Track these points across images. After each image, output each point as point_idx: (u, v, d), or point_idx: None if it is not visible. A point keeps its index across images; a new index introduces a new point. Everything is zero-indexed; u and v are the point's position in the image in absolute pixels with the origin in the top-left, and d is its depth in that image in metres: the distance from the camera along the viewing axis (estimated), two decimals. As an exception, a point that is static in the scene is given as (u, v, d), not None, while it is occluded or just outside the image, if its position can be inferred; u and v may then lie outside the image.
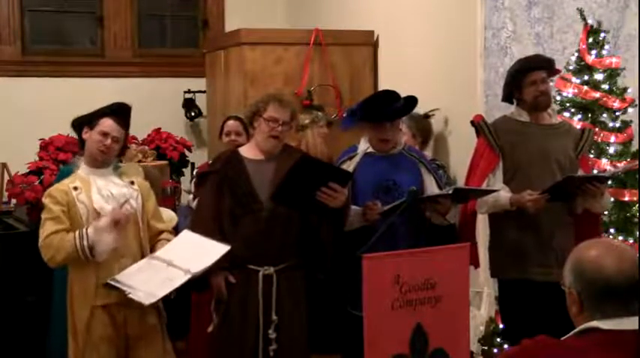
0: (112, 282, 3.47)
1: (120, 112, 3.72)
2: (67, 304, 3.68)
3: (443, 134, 5.36)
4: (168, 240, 3.70)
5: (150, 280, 3.46)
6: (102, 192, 3.61)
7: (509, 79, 4.06)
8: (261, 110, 3.83)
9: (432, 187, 4.09)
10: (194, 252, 3.53)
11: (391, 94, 4.01)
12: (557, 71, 4.20)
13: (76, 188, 3.59)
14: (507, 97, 4.12)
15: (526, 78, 3.97)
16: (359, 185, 4.03)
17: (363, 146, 4.12)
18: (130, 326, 3.63)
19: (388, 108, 3.96)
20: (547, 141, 3.99)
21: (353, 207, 3.95)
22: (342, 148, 4.52)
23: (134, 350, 3.65)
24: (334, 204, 3.65)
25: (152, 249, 3.69)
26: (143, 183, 3.84)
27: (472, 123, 4.13)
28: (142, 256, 3.65)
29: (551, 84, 4.51)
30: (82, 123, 3.71)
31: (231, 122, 4.93)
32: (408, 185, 3.84)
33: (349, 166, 4.05)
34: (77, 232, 3.48)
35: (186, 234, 3.67)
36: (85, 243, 3.44)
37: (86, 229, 3.47)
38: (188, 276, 3.40)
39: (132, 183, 3.75)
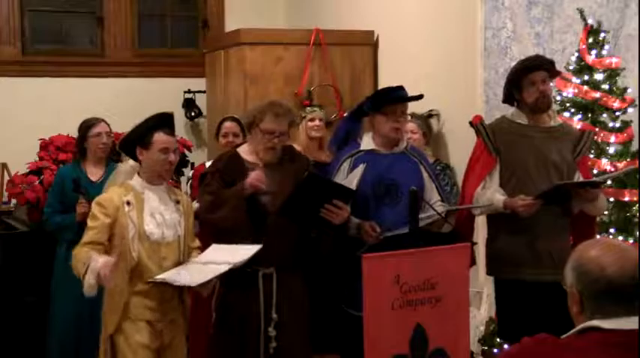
0: (154, 280, 3.53)
1: (166, 124, 3.70)
2: (103, 316, 3.69)
3: (443, 134, 5.36)
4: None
5: (192, 274, 3.54)
6: (154, 215, 3.60)
7: (510, 79, 4.06)
8: (257, 121, 3.82)
9: (431, 193, 4.10)
10: (228, 253, 3.59)
11: (395, 86, 4.05)
12: (558, 72, 4.19)
13: (129, 203, 3.57)
14: (508, 98, 4.11)
15: (526, 78, 3.96)
16: (359, 182, 4.03)
17: (366, 143, 4.12)
18: (165, 334, 3.68)
19: (398, 92, 3.99)
20: (544, 144, 3.98)
21: (352, 218, 3.96)
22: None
23: (162, 354, 3.70)
24: (337, 220, 3.69)
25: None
26: (186, 199, 3.84)
27: (471, 124, 4.13)
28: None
29: (551, 84, 4.52)
30: (133, 143, 3.69)
31: (228, 124, 4.92)
32: (408, 185, 3.84)
33: (350, 163, 4.05)
34: (86, 259, 3.46)
35: (215, 246, 3.70)
36: (83, 270, 3.46)
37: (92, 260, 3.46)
38: (230, 266, 3.46)
39: (178, 202, 3.74)
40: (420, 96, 4.09)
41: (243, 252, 3.54)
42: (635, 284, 1.95)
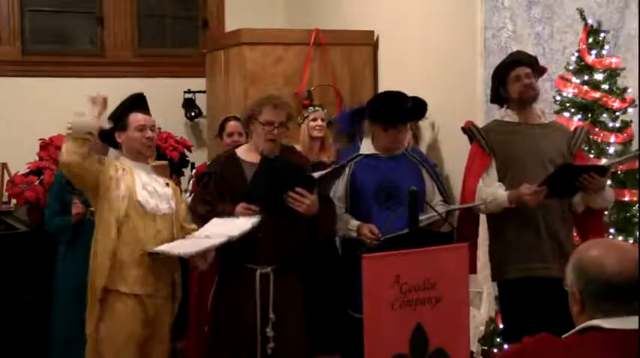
0: (152, 251, 3.58)
1: (140, 104, 3.78)
2: (90, 295, 3.68)
3: (442, 134, 5.36)
4: None
5: (189, 245, 3.59)
6: (147, 187, 3.68)
7: (494, 78, 4.09)
8: (256, 114, 3.83)
9: (433, 193, 4.10)
10: (227, 227, 3.62)
11: (401, 95, 4.03)
12: (544, 69, 4.19)
13: (123, 169, 3.66)
14: (495, 98, 4.13)
15: (510, 74, 3.98)
16: (359, 186, 4.03)
17: (365, 147, 4.12)
18: (157, 322, 3.70)
19: (402, 108, 3.98)
20: (538, 140, 4.00)
21: (352, 220, 3.97)
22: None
23: (147, 345, 3.71)
24: (302, 209, 3.66)
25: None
26: (174, 185, 3.92)
27: (463, 129, 4.14)
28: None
29: (550, 83, 4.53)
30: (110, 129, 3.74)
31: (232, 123, 4.92)
32: (409, 188, 3.84)
33: (350, 167, 4.06)
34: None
35: (215, 220, 3.73)
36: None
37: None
38: (226, 238, 3.50)
39: (167, 184, 3.82)
40: (424, 112, 4.10)
41: (241, 225, 3.56)
42: (634, 285, 1.96)
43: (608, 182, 4.20)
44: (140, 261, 3.63)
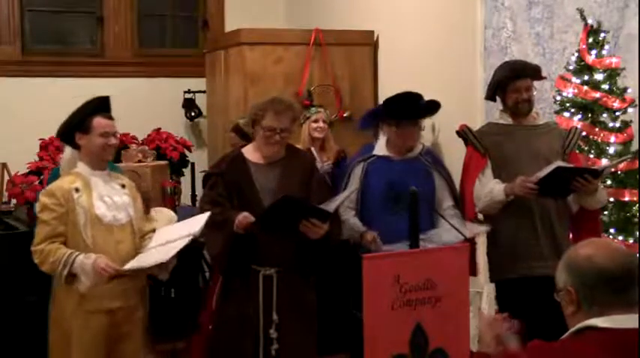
0: (126, 272, 3.51)
1: (104, 108, 3.69)
2: (53, 307, 3.66)
3: (442, 134, 5.36)
4: None
5: (155, 255, 3.52)
6: (104, 199, 3.60)
7: (495, 83, 4.13)
8: (259, 117, 3.82)
9: (443, 198, 4.11)
10: (182, 227, 3.60)
11: (414, 94, 4.05)
12: (543, 77, 4.27)
13: (77, 189, 3.57)
14: (490, 97, 4.17)
15: (511, 84, 4.05)
16: (370, 187, 4.04)
17: (379, 148, 4.13)
18: (123, 322, 3.65)
19: (416, 105, 4.00)
20: (532, 140, 4.05)
21: (358, 224, 3.96)
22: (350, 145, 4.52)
23: (118, 343, 3.67)
24: (314, 236, 3.65)
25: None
26: (129, 182, 3.83)
27: (457, 133, 4.17)
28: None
29: (550, 83, 4.54)
30: (72, 129, 3.67)
31: (232, 134, 4.96)
32: (419, 191, 3.82)
33: (363, 168, 4.07)
34: (65, 256, 3.47)
35: (161, 229, 3.74)
36: (66, 271, 3.48)
37: (75, 257, 3.47)
38: (190, 237, 3.45)
39: (123, 186, 3.74)
40: (436, 110, 4.11)
41: (199, 221, 3.53)
42: (627, 271, 1.97)
43: (608, 182, 4.21)
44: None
